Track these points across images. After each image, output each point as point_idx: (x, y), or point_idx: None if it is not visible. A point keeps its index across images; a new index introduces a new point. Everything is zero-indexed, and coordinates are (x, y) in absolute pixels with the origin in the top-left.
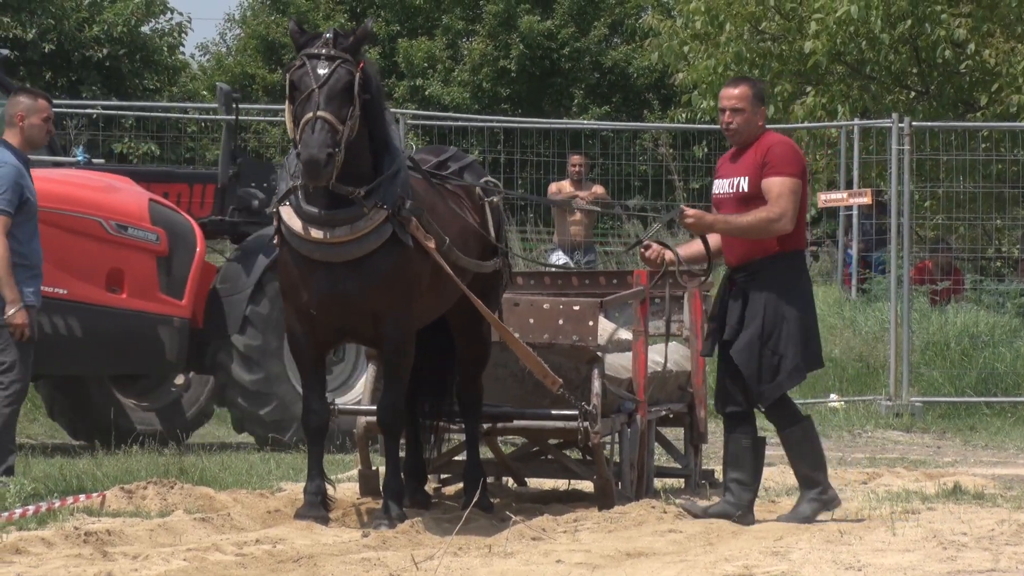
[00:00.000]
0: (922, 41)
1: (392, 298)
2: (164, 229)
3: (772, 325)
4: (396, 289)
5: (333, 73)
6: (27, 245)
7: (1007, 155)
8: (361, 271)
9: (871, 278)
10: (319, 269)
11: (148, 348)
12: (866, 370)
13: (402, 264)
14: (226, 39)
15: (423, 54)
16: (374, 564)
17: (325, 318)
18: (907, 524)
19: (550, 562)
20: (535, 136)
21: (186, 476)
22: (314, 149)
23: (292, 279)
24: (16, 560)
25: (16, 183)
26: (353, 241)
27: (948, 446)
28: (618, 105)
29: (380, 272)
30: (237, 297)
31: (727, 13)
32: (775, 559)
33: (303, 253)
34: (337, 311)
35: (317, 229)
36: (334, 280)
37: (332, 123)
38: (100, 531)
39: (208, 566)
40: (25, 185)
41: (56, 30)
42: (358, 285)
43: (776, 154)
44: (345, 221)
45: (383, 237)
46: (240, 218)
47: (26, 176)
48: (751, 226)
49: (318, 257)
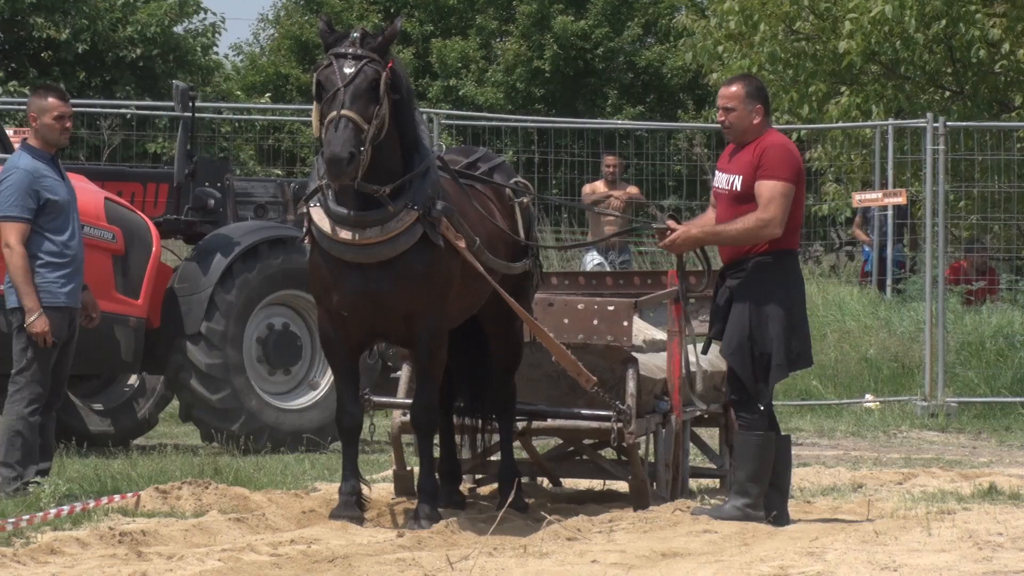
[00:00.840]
0: (956, 41)
1: (424, 299)
2: (120, 228)
3: (758, 325)
4: (428, 290)
5: (359, 72)
6: (60, 243)
7: None
8: (392, 272)
9: (905, 278)
10: (350, 270)
11: (104, 348)
12: (901, 370)
13: (434, 264)
14: (260, 39)
15: (457, 54)
16: (409, 564)
17: (357, 319)
18: (943, 524)
19: (585, 562)
20: (569, 136)
21: (221, 476)
22: (337, 147)
23: (323, 280)
24: (51, 560)
25: (29, 188)
26: (384, 242)
27: (983, 446)
28: (652, 105)
29: (412, 273)
30: (196, 297)
31: (761, 13)
32: (810, 559)
33: (333, 254)
34: (369, 312)
35: (347, 230)
36: (365, 281)
37: (357, 122)
38: (135, 531)
39: (243, 566)
40: (43, 186)
41: (90, 30)
42: (390, 286)
43: (770, 156)
44: (375, 222)
45: (414, 238)
46: (195, 217)
47: (46, 177)
48: (740, 235)
49: (349, 258)
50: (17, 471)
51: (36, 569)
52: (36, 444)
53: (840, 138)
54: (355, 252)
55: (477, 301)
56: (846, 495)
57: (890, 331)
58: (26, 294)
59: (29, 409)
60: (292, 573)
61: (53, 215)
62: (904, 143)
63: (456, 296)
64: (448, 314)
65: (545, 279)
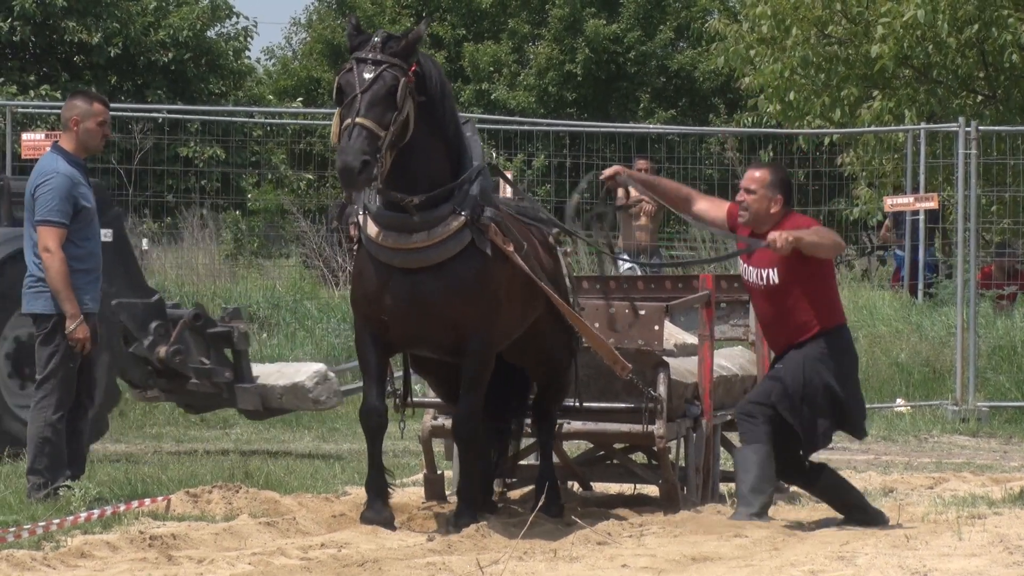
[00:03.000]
0: (989, 45)
1: (474, 307)
2: None
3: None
4: (477, 297)
5: (378, 78)
6: (87, 250)
7: None
8: (439, 278)
9: (937, 282)
10: (396, 275)
11: None
12: (932, 375)
13: (482, 271)
14: (292, 43)
15: (489, 58)
16: (439, 568)
17: (399, 325)
18: (973, 529)
19: (615, 566)
20: (601, 140)
21: (251, 480)
22: (348, 156)
23: (367, 285)
24: (81, 564)
25: (69, 193)
26: (430, 247)
27: (1015, 451)
28: (684, 109)
29: (459, 279)
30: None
31: (793, 17)
32: (841, 564)
33: (381, 259)
34: (413, 319)
35: (393, 234)
36: (411, 287)
37: (371, 129)
38: (165, 535)
39: (273, 570)
40: (79, 193)
41: (122, 34)
42: (435, 292)
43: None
44: (421, 227)
45: (461, 243)
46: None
47: (81, 183)
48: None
49: (397, 263)
50: (46, 477)
51: (66, 573)
52: (64, 450)
53: (872, 142)
54: (401, 257)
55: (530, 311)
56: (877, 499)
57: (921, 335)
58: (67, 299)
59: (56, 416)
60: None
61: (84, 223)
62: (936, 147)
63: (509, 305)
64: (500, 325)
65: (576, 283)
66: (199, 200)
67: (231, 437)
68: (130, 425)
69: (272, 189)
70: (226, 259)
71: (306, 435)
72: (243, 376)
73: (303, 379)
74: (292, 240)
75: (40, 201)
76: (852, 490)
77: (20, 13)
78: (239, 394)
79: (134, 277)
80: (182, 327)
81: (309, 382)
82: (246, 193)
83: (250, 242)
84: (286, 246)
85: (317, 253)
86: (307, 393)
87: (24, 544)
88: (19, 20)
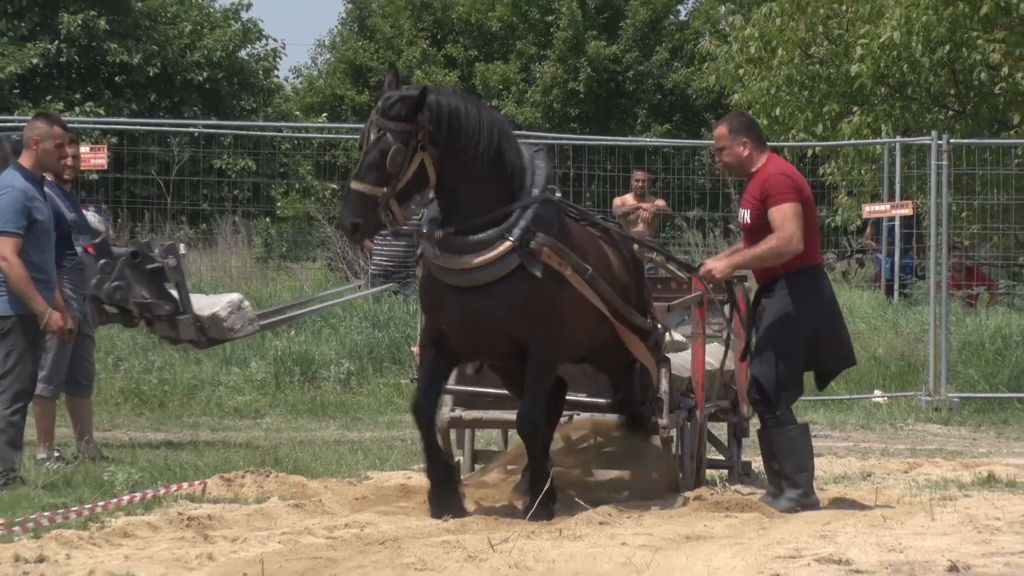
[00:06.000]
0: (959, 64)
1: (527, 324)
2: None
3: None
4: (529, 315)
5: (376, 143)
6: (40, 260)
7: None
8: (488, 297)
9: (912, 283)
10: (452, 292)
11: None
12: (907, 368)
13: (533, 292)
14: (317, 63)
15: (498, 77)
16: (453, 547)
17: (457, 337)
18: (945, 510)
19: (615, 544)
20: (601, 152)
21: (281, 466)
22: (343, 219)
23: (429, 299)
24: (124, 543)
25: (23, 206)
26: (474, 268)
27: (983, 438)
28: (678, 124)
29: (508, 298)
30: None
31: (779, 39)
32: (823, 542)
33: (436, 276)
34: (468, 332)
35: (445, 255)
36: (464, 303)
37: (364, 192)
38: (202, 516)
39: (301, 548)
40: (34, 206)
41: (160, 55)
42: (486, 310)
43: (772, 185)
44: (471, 249)
45: (508, 266)
46: None
47: (35, 198)
48: (767, 255)
49: (450, 281)
50: (5, 466)
51: (111, 551)
52: (20, 441)
53: (851, 154)
54: (453, 276)
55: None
56: (856, 483)
57: (897, 332)
58: (33, 299)
59: (10, 410)
60: (346, 554)
61: (38, 234)
62: (910, 159)
63: (569, 321)
64: (558, 337)
65: None
66: (232, 208)
67: (262, 426)
68: (169, 416)
69: (299, 198)
70: (257, 262)
71: (331, 424)
72: (182, 308)
73: (218, 309)
74: (318, 245)
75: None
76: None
77: (66, 36)
78: (179, 325)
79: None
80: (122, 265)
81: (223, 312)
82: (275, 201)
83: (279, 247)
84: (312, 250)
85: (341, 257)
86: (222, 322)
87: (72, 525)
88: (65, 42)
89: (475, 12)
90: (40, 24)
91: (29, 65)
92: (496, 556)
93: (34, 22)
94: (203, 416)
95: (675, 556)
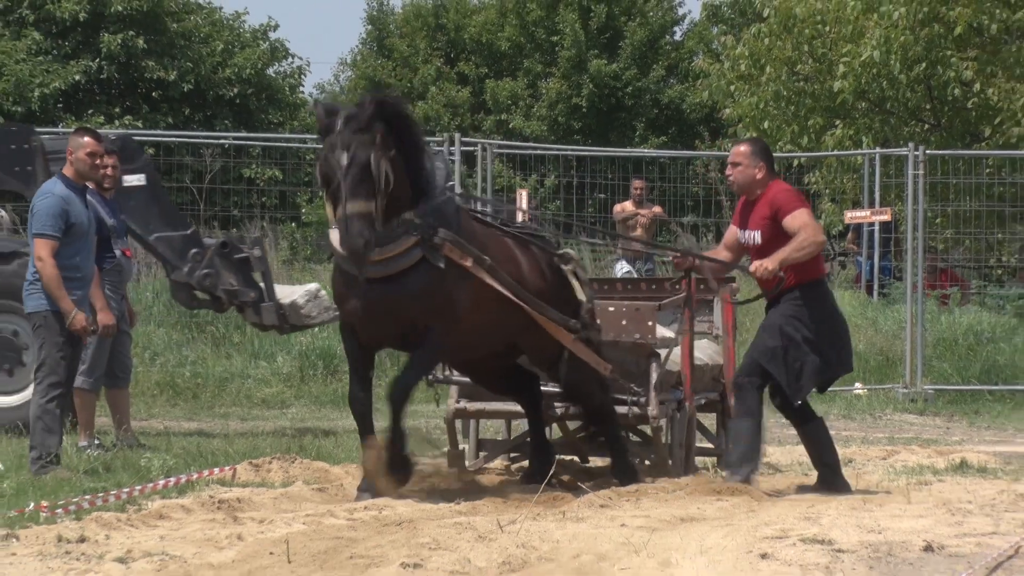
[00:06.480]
0: (935, 81)
1: (425, 311)
2: None
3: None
4: (428, 303)
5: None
6: (75, 261)
7: (1007, 179)
8: (393, 287)
9: (890, 283)
10: (357, 283)
11: None
12: (886, 362)
13: (433, 282)
14: (339, 79)
15: (507, 93)
16: (465, 527)
17: (364, 325)
18: (920, 494)
19: (615, 525)
20: (603, 163)
21: (305, 452)
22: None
23: (339, 291)
24: (159, 524)
25: (61, 210)
26: (381, 261)
27: (956, 427)
28: (674, 136)
29: (410, 289)
30: None
31: (767, 57)
32: (808, 523)
33: (344, 268)
34: (374, 319)
35: None
36: (368, 293)
37: (360, 212)
38: (231, 499)
39: (323, 529)
40: (71, 211)
41: (194, 72)
42: (389, 299)
43: (781, 200)
44: (380, 243)
45: (412, 259)
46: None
47: (74, 203)
48: (804, 247)
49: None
50: (40, 451)
51: (147, 532)
52: (56, 427)
53: (834, 164)
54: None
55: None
56: None
57: (876, 329)
58: (61, 298)
59: (47, 399)
60: (365, 535)
61: (74, 237)
62: (889, 168)
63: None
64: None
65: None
66: (260, 214)
67: (288, 416)
68: (201, 406)
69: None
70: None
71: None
72: (266, 296)
73: (296, 297)
74: None
75: (36, 216)
76: (832, 451)
77: (107, 54)
78: (263, 312)
79: (169, 214)
80: (212, 254)
81: (301, 300)
82: (300, 208)
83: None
84: None
85: None
86: (299, 309)
87: (111, 507)
88: (106, 60)
89: (486, 32)
90: (83, 43)
91: (72, 81)
92: (504, 536)
93: (77, 41)
94: (233, 407)
95: (671, 536)
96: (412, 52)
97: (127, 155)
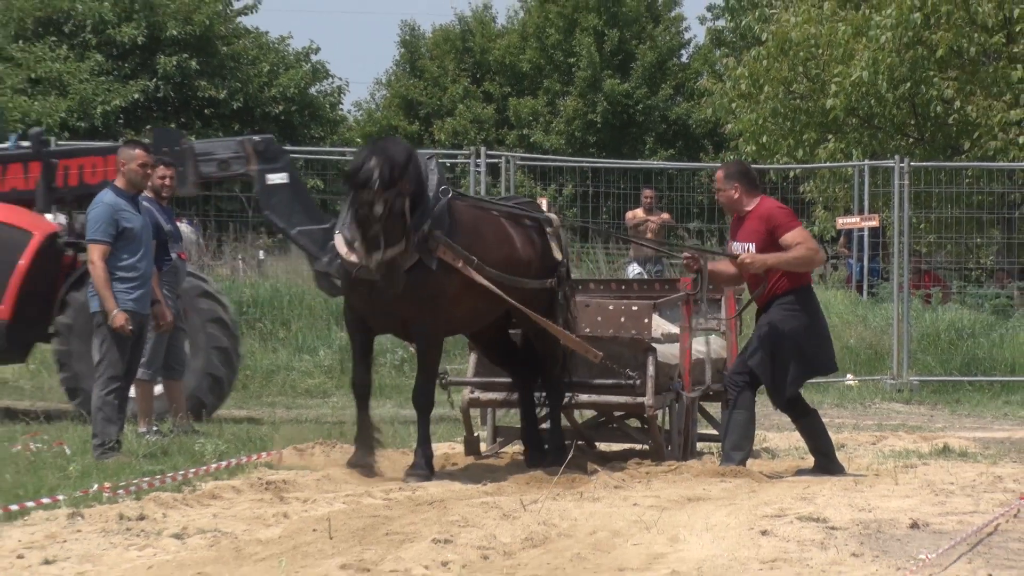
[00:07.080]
0: (919, 99)
1: (417, 307)
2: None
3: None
4: (420, 300)
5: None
6: (130, 263)
7: (985, 188)
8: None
9: (878, 284)
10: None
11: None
12: (874, 356)
13: (426, 282)
14: (375, 98)
15: (528, 110)
16: (491, 507)
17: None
18: (907, 476)
19: (628, 505)
20: (616, 174)
21: (345, 438)
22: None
23: (345, 287)
24: (212, 503)
25: (111, 217)
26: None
27: (939, 415)
28: (681, 149)
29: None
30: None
31: (765, 78)
32: (804, 503)
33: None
34: (374, 312)
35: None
36: (371, 291)
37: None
38: (278, 481)
39: (362, 508)
40: (121, 218)
41: (243, 91)
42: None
43: (776, 217)
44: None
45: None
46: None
47: (124, 210)
48: (795, 260)
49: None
50: (101, 439)
51: (201, 510)
52: (116, 417)
53: (827, 175)
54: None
55: (488, 307)
56: None
57: (866, 325)
58: (106, 298)
59: (106, 391)
60: (400, 513)
61: (127, 241)
62: (877, 179)
63: (456, 304)
64: (446, 320)
65: (584, 285)
66: None
67: (329, 405)
68: (250, 396)
69: None
70: None
71: (387, 403)
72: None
73: None
74: None
75: (88, 223)
76: (827, 440)
77: (163, 75)
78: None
79: (309, 209)
80: None
81: None
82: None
83: None
84: None
85: None
86: None
87: (168, 488)
88: (162, 80)
89: (509, 55)
90: (141, 65)
91: (131, 99)
92: (527, 515)
93: (136, 63)
94: (279, 396)
95: (679, 515)
96: (441, 73)
97: (270, 156)
